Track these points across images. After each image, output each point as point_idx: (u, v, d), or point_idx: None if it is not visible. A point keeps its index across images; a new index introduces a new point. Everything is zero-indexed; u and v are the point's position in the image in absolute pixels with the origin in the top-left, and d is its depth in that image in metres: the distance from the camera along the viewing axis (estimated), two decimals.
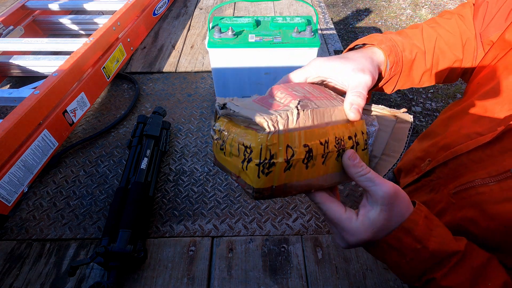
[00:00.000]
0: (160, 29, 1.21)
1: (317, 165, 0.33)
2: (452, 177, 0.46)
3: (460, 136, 0.46)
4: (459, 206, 0.43)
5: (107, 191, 0.69)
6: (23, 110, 0.65)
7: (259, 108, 0.32)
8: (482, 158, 0.42)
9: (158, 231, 0.62)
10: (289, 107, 0.31)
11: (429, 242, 0.33)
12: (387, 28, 3.11)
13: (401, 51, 0.46)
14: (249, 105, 0.33)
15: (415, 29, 0.51)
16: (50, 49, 0.91)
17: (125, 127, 0.84)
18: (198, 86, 0.96)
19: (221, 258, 0.58)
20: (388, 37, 0.46)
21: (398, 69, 0.46)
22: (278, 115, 0.29)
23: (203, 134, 0.81)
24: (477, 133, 0.43)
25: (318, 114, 0.32)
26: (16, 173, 0.63)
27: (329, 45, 1.12)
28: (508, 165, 0.38)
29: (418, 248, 0.33)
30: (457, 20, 0.52)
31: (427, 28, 0.51)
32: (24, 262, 0.57)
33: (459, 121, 0.50)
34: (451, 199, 0.44)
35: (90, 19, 1.11)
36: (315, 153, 0.32)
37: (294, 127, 0.30)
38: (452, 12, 0.54)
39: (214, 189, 0.69)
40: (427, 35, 0.50)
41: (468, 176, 0.43)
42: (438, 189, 0.48)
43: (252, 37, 0.77)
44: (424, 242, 0.33)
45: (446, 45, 0.50)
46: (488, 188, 0.39)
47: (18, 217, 0.64)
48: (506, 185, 0.37)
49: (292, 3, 1.35)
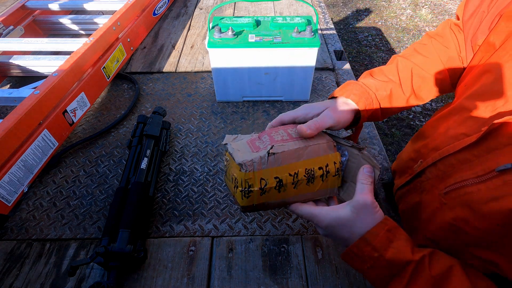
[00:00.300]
0: (160, 29, 1.21)
1: (288, 190, 0.46)
2: (441, 178, 0.47)
3: (448, 137, 0.48)
4: (450, 206, 0.44)
5: (107, 191, 0.69)
6: (23, 110, 0.65)
7: (247, 149, 0.46)
8: (469, 158, 0.43)
9: (158, 231, 0.62)
10: (265, 150, 0.44)
11: (386, 252, 0.39)
12: (387, 28, 3.11)
13: (374, 92, 0.56)
14: (241, 147, 0.47)
15: (391, 65, 0.60)
16: (50, 49, 0.91)
17: (125, 127, 0.84)
18: (198, 86, 0.96)
19: (221, 258, 0.58)
20: (359, 85, 0.56)
21: (375, 106, 0.55)
22: (254, 158, 0.43)
23: (203, 134, 0.81)
24: (464, 134, 0.45)
25: (288, 155, 0.45)
26: (16, 173, 0.63)
27: (329, 45, 1.12)
28: (493, 164, 0.38)
29: (375, 256, 0.40)
30: (434, 44, 0.59)
31: (402, 60, 0.60)
32: (24, 262, 0.57)
33: (446, 123, 0.51)
34: (443, 199, 0.45)
35: (90, 19, 1.11)
36: (285, 182, 0.45)
37: (265, 167, 0.44)
38: (430, 36, 0.61)
39: (214, 189, 0.69)
40: (402, 67, 0.59)
41: (456, 177, 0.44)
42: (429, 190, 0.49)
43: (252, 37, 0.77)
44: (381, 251, 0.39)
45: (424, 70, 0.58)
46: (476, 188, 0.40)
47: (18, 217, 0.64)
48: (492, 184, 0.38)
49: (292, 3, 1.35)
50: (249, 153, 0.45)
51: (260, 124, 0.83)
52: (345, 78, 0.98)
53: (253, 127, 0.83)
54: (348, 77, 0.98)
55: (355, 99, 0.53)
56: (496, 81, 0.43)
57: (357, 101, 0.53)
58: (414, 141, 0.61)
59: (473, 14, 0.52)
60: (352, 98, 0.54)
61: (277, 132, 0.49)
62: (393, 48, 2.86)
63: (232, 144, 0.47)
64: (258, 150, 0.45)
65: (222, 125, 0.84)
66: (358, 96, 0.54)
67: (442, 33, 0.60)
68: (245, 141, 0.48)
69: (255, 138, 0.49)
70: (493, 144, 0.40)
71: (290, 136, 0.48)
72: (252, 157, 0.44)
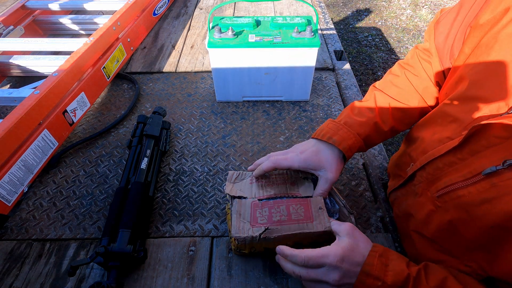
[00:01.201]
0: (160, 29, 1.21)
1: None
2: (432, 181, 0.48)
3: (434, 141, 0.49)
4: (445, 208, 0.44)
5: (107, 191, 0.69)
6: (23, 110, 0.65)
7: (247, 216, 0.53)
8: (454, 161, 0.44)
9: (158, 231, 0.62)
10: (260, 230, 0.50)
11: (386, 277, 0.41)
12: (387, 28, 3.11)
13: (357, 132, 0.58)
14: (243, 208, 0.54)
15: (369, 100, 0.62)
16: (50, 49, 0.91)
17: (125, 127, 0.84)
18: (198, 86, 0.96)
19: (221, 258, 0.58)
20: (343, 129, 0.58)
21: (359, 144, 0.58)
22: (247, 237, 0.50)
23: (203, 134, 0.81)
24: (448, 138, 0.46)
25: (281, 238, 0.50)
26: (16, 173, 0.63)
27: (329, 45, 1.12)
28: (478, 167, 0.40)
29: (379, 285, 0.41)
30: (408, 75, 0.61)
31: (379, 94, 0.62)
32: (24, 262, 0.57)
33: (432, 127, 0.52)
34: (437, 202, 0.46)
35: (90, 19, 1.11)
36: (272, 247, 0.51)
37: (256, 242, 0.51)
38: (402, 66, 0.64)
39: (214, 189, 0.69)
40: (380, 101, 0.61)
41: (446, 180, 0.44)
42: (422, 193, 0.50)
43: (252, 37, 0.77)
44: (382, 278, 0.41)
45: (401, 103, 0.60)
46: (467, 191, 0.41)
47: (18, 217, 0.64)
48: (481, 187, 0.39)
49: (292, 3, 1.35)
50: (246, 225, 0.51)
51: (260, 124, 0.83)
52: (345, 78, 0.98)
53: (253, 127, 0.83)
54: (348, 77, 0.98)
55: (345, 148, 0.56)
56: (471, 86, 0.45)
57: (347, 149, 0.56)
58: (405, 143, 0.62)
59: (447, 36, 0.54)
60: (342, 146, 0.56)
61: (278, 208, 0.53)
62: (393, 48, 2.86)
63: (236, 206, 0.54)
64: (255, 224, 0.51)
65: (222, 125, 0.84)
66: (341, 140, 0.57)
67: (412, 63, 0.63)
68: (249, 203, 0.55)
69: (257, 203, 0.54)
70: (475, 147, 0.41)
71: (289, 216, 0.52)
72: (246, 234, 0.50)
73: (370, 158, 0.76)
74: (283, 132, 0.82)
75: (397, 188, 0.59)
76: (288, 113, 0.87)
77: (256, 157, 0.75)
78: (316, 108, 0.88)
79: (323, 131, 0.59)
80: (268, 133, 0.81)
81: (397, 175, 0.60)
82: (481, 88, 0.43)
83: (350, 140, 0.57)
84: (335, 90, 0.94)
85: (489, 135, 0.39)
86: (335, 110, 0.87)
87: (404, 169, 0.56)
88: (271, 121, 0.85)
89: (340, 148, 0.56)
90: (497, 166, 0.37)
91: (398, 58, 2.69)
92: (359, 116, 0.60)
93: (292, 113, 0.87)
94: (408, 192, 0.55)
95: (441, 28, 0.56)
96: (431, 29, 0.59)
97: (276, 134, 0.81)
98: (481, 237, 0.40)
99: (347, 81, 0.97)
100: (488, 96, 0.42)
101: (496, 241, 0.38)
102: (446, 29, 0.55)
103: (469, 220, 0.40)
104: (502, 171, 0.37)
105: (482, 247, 0.40)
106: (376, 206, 0.66)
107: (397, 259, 0.43)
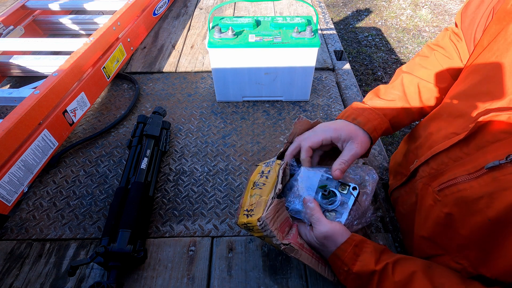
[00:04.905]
0: (160, 29, 1.21)
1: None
2: (434, 176, 0.48)
3: (440, 137, 0.49)
4: (444, 203, 0.45)
5: (107, 191, 0.69)
6: (23, 110, 0.65)
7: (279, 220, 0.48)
8: (460, 156, 0.44)
9: (158, 231, 0.62)
10: (282, 243, 0.46)
11: (354, 266, 0.45)
12: (387, 28, 3.11)
13: (383, 114, 0.57)
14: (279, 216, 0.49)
15: (396, 81, 0.61)
16: (50, 49, 0.91)
17: (125, 127, 0.84)
18: (198, 86, 0.96)
19: (221, 258, 0.58)
20: (369, 110, 0.57)
21: (385, 126, 0.57)
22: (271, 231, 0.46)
23: (203, 134, 0.81)
24: (454, 133, 0.46)
25: (294, 258, 0.48)
26: (16, 173, 0.63)
27: (329, 45, 1.12)
28: (483, 162, 0.40)
29: (346, 269, 0.46)
30: (437, 56, 0.60)
31: (407, 76, 0.60)
32: (24, 262, 0.57)
33: (437, 123, 0.52)
34: (436, 196, 0.46)
35: (90, 19, 1.11)
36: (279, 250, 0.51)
37: (271, 241, 0.47)
38: (431, 48, 0.62)
39: (214, 189, 0.69)
40: (408, 83, 0.60)
41: (450, 174, 0.45)
42: (423, 188, 0.50)
43: (252, 37, 0.77)
44: (349, 265, 0.45)
45: (431, 84, 0.59)
46: (469, 185, 0.41)
47: (18, 217, 0.64)
48: (483, 181, 0.39)
49: (292, 3, 1.35)
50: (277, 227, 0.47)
51: (260, 124, 0.83)
52: (345, 78, 0.98)
53: (253, 127, 0.83)
54: (348, 77, 0.98)
55: (370, 128, 0.55)
56: (482, 81, 0.45)
57: (372, 130, 0.55)
58: (407, 142, 0.62)
59: (472, 20, 0.53)
60: (367, 127, 0.54)
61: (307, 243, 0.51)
62: (393, 48, 2.86)
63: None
64: (283, 233, 0.48)
65: (222, 125, 0.84)
66: (370, 124, 0.55)
67: (443, 44, 0.61)
68: (285, 216, 0.50)
69: (288, 218, 0.51)
70: (480, 141, 0.41)
71: (310, 249, 0.50)
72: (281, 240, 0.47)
73: (370, 158, 0.76)
74: (283, 132, 0.82)
75: (399, 186, 0.59)
76: (288, 113, 0.87)
77: (256, 157, 0.75)
78: (316, 108, 0.88)
79: (347, 112, 0.58)
80: (268, 133, 0.81)
81: (399, 173, 0.60)
82: (492, 83, 0.43)
83: (375, 120, 0.55)
84: (335, 90, 0.94)
85: (494, 130, 0.39)
86: (335, 110, 0.87)
87: (407, 167, 0.56)
88: (271, 121, 0.85)
89: (365, 129, 0.54)
90: (501, 161, 0.37)
91: (398, 58, 2.69)
92: (386, 96, 0.59)
93: (292, 113, 0.87)
94: (410, 190, 0.55)
95: (469, 11, 0.55)
96: (460, 12, 0.58)
97: (276, 134, 0.81)
98: (476, 233, 0.40)
99: (347, 81, 0.97)
100: (497, 92, 0.41)
101: (491, 236, 0.38)
102: (471, 13, 0.53)
103: (467, 215, 0.41)
104: (505, 165, 0.37)
105: (475, 244, 0.41)
106: (376, 206, 0.66)
107: (369, 253, 0.45)
